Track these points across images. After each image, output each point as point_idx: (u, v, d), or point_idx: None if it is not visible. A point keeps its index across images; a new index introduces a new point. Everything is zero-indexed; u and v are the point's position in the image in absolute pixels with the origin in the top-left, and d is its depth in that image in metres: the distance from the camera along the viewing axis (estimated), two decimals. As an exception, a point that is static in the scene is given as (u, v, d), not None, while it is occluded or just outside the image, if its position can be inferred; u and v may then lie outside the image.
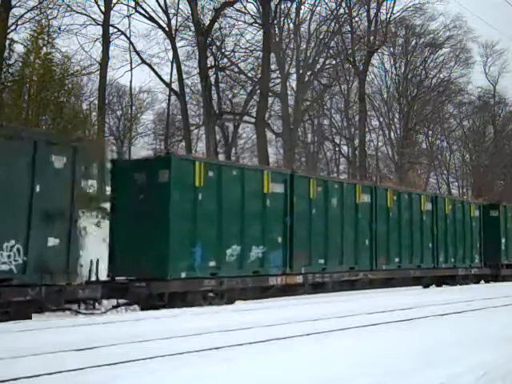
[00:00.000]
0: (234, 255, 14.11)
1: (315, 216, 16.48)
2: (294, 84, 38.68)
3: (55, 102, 23.42)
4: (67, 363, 6.28)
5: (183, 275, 12.98)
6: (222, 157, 36.85)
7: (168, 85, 36.86)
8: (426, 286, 21.72)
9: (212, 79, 34.61)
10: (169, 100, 39.82)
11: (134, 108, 43.72)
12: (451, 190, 55.04)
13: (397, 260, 19.49)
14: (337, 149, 50.68)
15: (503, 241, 25.61)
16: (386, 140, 49.65)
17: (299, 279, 15.85)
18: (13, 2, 25.62)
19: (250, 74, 36.86)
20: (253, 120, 36.41)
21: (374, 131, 49.95)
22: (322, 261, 16.64)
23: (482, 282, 24.70)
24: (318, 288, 16.70)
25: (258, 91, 34.45)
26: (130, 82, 58.27)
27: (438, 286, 22.16)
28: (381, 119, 49.11)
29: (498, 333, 9.36)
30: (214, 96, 35.27)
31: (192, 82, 38.39)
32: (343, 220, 17.48)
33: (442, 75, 49.10)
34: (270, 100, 37.81)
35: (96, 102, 31.08)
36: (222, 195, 13.93)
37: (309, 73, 36.88)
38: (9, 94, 23.69)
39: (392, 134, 48.79)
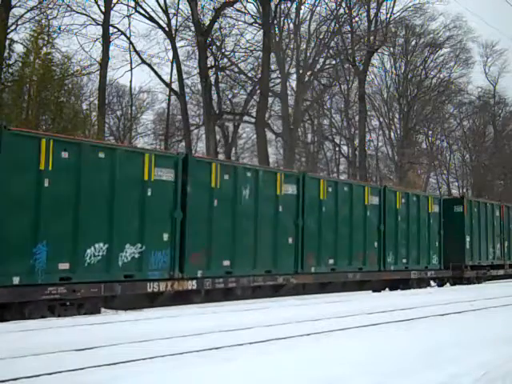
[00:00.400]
0: (99, 255, 11.67)
1: (219, 209, 13.95)
2: (294, 84, 38.78)
3: (55, 101, 23.47)
4: (67, 363, 6.28)
5: (16, 281, 10.42)
6: (222, 157, 36.86)
7: (168, 85, 36.89)
8: (376, 290, 19.15)
9: (212, 79, 34.62)
10: (169, 100, 39.90)
11: (134, 108, 43.89)
12: (451, 190, 55.09)
13: (331, 262, 16.89)
14: (337, 149, 50.74)
15: (468, 239, 23.02)
16: (386, 140, 49.75)
17: (193, 285, 13.28)
18: (13, 2, 25.70)
19: (250, 74, 36.92)
20: (253, 120, 36.44)
21: (374, 131, 50.12)
22: (226, 263, 14.06)
23: (448, 284, 22.70)
24: (228, 295, 14.41)
25: (258, 91, 34.47)
26: (130, 82, 58.78)
27: (391, 290, 19.49)
28: (381, 119, 49.20)
29: (498, 333, 9.36)
30: (214, 96, 35.29)
31: (192, 82, 38.52)
32: (258, 215, 14.86)
33: (442, 75, 49.29)
34: (270, 100, 37.86)
35: (96, 102, 31.14)
36: (82, 182, 11.45)
37: (309, 73, 36.88)
38: (9, 93, 23.72)
39: (392, 134, 48.89)
